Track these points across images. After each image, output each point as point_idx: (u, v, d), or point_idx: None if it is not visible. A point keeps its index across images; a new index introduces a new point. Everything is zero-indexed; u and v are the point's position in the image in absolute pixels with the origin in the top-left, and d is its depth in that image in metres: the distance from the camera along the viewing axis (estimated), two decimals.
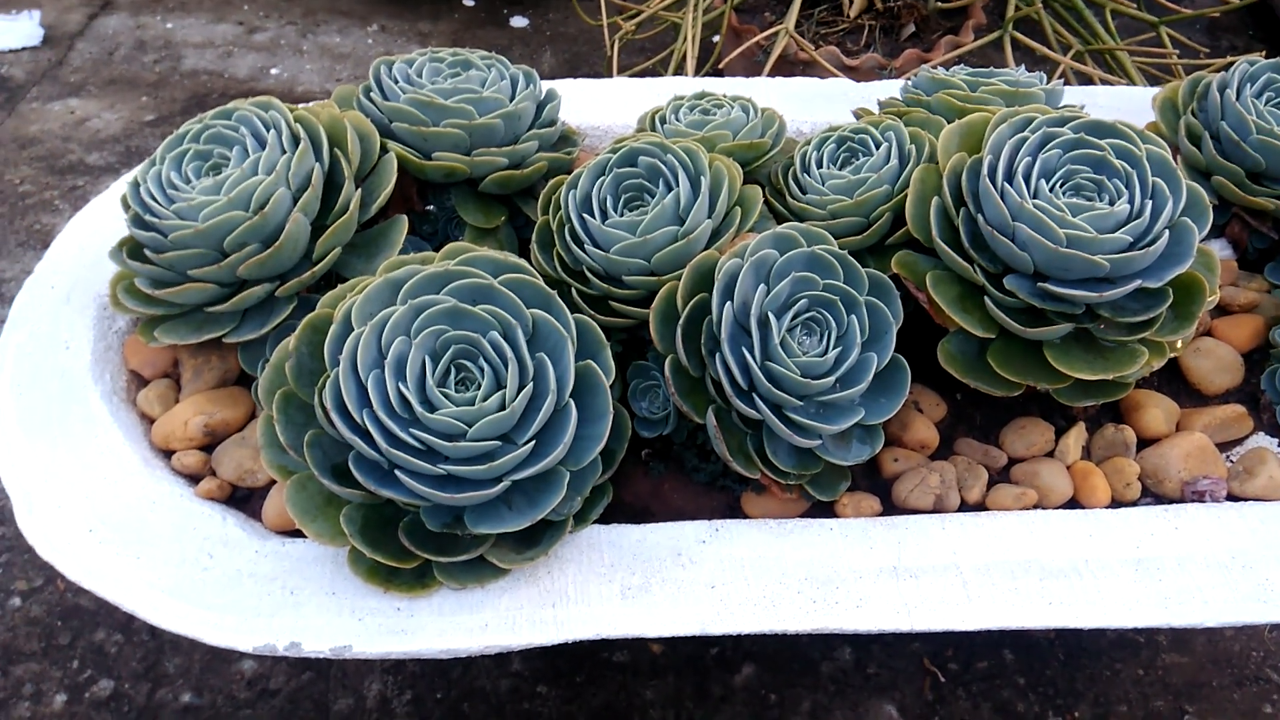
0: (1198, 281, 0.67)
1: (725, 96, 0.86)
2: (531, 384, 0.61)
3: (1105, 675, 1.03)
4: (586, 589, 0.63)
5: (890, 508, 0.71)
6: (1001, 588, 0.64)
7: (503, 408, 0.59)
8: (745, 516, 0.70)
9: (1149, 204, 0.65)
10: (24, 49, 1.90)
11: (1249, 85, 0.88)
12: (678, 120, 0.82)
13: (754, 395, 0.64)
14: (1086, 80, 1.32)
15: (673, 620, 0.62)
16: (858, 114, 0.90)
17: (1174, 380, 0.80)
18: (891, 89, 1.00)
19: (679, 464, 0.73)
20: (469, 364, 0.62)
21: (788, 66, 1.36)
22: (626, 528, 0.66)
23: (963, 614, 0.63)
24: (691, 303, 0.66)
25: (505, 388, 0.60)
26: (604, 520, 0.67)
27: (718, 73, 1.47)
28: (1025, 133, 0.69)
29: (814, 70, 1.28)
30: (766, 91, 1.01)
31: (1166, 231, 0.65)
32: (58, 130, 1.72)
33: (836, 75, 1.19)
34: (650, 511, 0.71)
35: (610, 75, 1.36)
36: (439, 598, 0.62)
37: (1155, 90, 0.96)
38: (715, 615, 0.62)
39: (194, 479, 0.71)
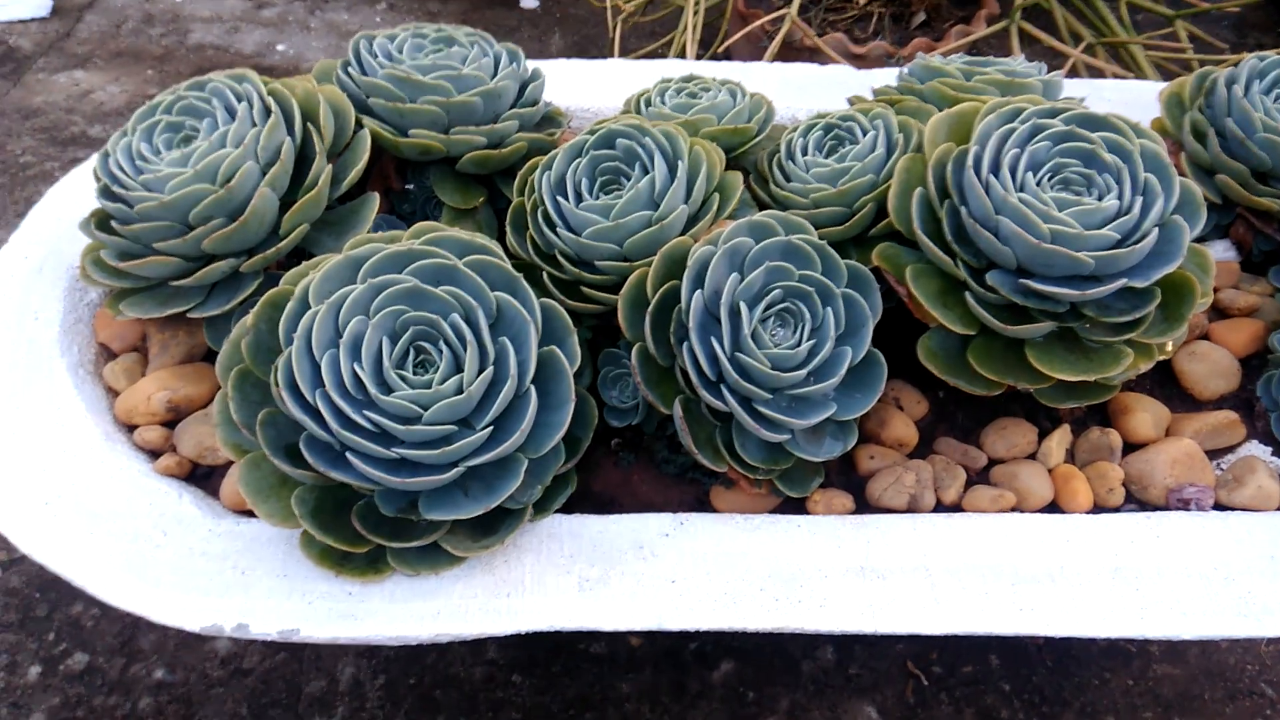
0: (1188, 282, 0.65)
1: (714, 80, 0.84)
2: (492, 368, 0.59)
3: (1094, 684, 1.01)
4: (543, 580, 0.61)
5: (864, 506, 0.69)
6: (972, 592, 0.62)
7: (460, 392, 0.58)
8: (713, 510, 0.68)
9: (1139, 200, 0.63)
10: (32, 20, 1.90)
11: (1257, 81, 0.84)
12: (662, 103, 0.80)
13: (722, 387, 0.62)
14: (1099, 75, 1.29)
15: (629, 614, 0.60)
16: (852, 102, 0.87)
17: (1166, 384, 0.78)
18: (890, 77, 0.97)
19: (649, 455, 0.71)
20: (428, 346, 0.60)
21: (792, 53, 1.33)
22: (588, 518, 0.65)
23: (929, 618, 0.61)
24: (662, 290, 0.64)
25: (464, 371, 0.59)
26: (567, 510, 0.65)
27: (725, 57, 1.44)
28: (1014, 123, 0.67)
29: (820, 57, 1.25)
30: (762, 77, 0.99)
31: (1156, 229, 0.62)
32: (61, 102, 1.71)
33: (840, 62, 1.17)
34: (617, 502, 0.70)
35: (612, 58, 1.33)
36: (391, 583, 0.61)
37: (1164, 85, 0.93)
38: (674, 610, 0.61)
39: (155, 454, 0.70)
